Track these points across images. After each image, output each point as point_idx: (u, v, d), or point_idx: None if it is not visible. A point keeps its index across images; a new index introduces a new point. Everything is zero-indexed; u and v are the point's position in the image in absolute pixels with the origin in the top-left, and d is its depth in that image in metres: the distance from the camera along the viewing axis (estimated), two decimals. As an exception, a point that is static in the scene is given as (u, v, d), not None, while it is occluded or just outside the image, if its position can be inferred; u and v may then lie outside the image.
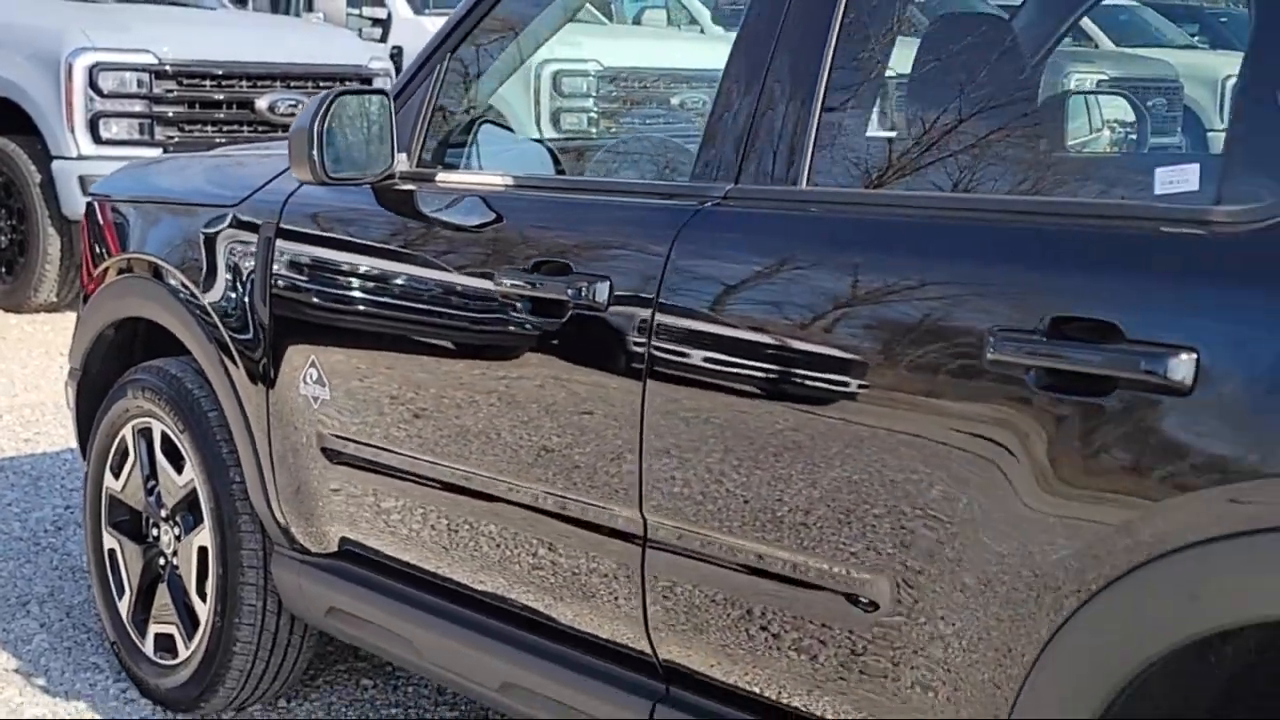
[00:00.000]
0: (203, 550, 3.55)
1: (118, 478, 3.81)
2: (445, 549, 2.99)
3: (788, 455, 2.28)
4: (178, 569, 3.64)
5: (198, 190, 3.72)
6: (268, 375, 3.30)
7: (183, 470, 3.59)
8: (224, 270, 3.42)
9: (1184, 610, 1.85)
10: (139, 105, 8.15)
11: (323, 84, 8.58)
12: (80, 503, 4.84)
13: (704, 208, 2.49)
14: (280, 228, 3.27)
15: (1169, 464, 1.85)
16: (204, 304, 3.45)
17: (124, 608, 3.79)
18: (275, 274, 3.27)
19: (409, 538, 3.07)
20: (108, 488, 3.83)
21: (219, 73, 8.38)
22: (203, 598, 3.57)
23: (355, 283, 3.13)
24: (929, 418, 2.10)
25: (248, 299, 3.34)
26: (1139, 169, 2.29)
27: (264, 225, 3.32)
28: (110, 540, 3.83)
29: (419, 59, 3.15)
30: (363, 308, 3.12)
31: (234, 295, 3.38)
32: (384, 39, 11.35)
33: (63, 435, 5.88)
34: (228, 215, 3.44)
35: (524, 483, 2.75)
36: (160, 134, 8.19)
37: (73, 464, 5.52)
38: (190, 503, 3.58)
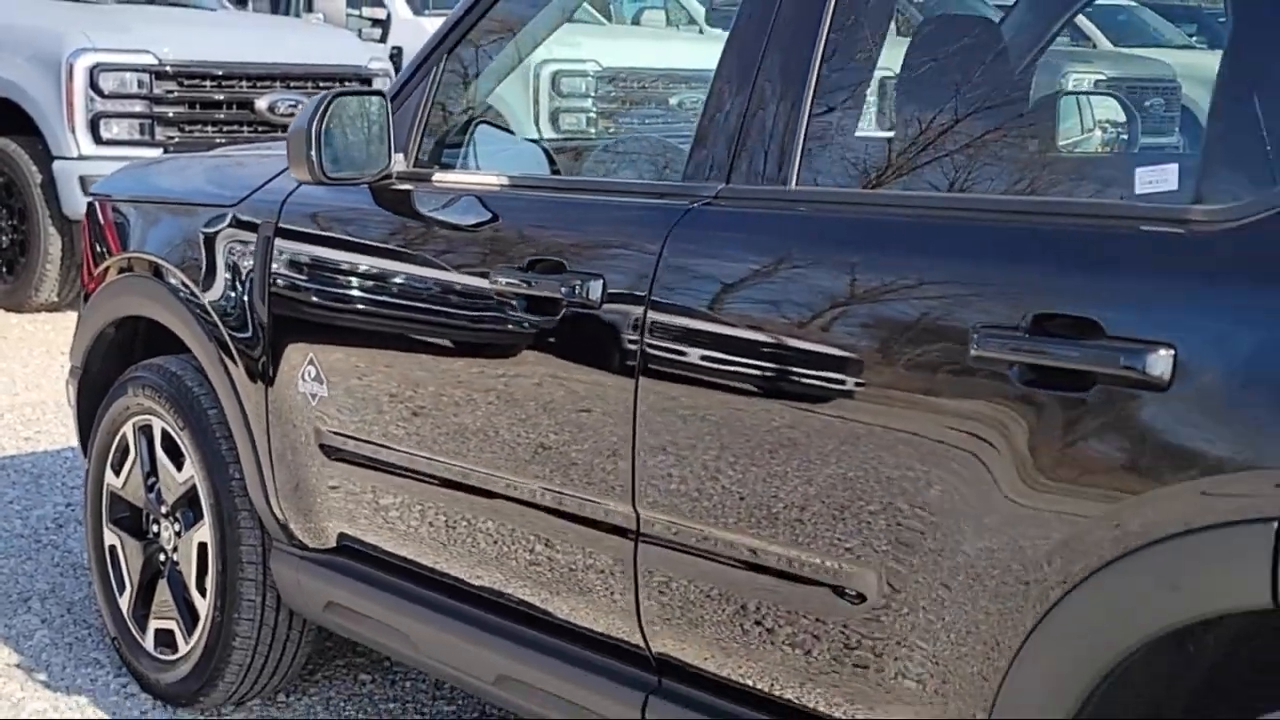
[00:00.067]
0: (202, 546, 3.56)
1: (118, 475, 3.83)
2: (441, 544, 3.02)
3: (777, 451, 2.32)
4: (178, 565, 3.66)
5: (198, 190, 3.74)
6: (267, 373, 3.32)
7: (183, 467, 3.61)
8: (223, 269, 3.44)
9: (1163, 601, 1.88)
10: (139, 106, 8.17)
11: (322, 84, 8.59)
12: (81, 500, 4.86)
13: (695, 207, 2.52)
14: (279, 227, 3.30)
15: (1148, 457, 1.88)
16: (204, 303, 3.48)
17: (124, 603, 3.81)
18: (274, 273, 3.29)
19: (406, 533, 3.10)
20: (108, 484, 3.85)
21: (219, 73, 8.39)
22: (202, 593, 3.58)
23: (353, 281, 3.16)
24: (915, 413, 2.14)
25: (247, 298, 3.36)
26: (1124, 169, 2.32)
27: (263, 225, 3.34)
28: (111, 536, 3.85)
29: (415, 61, 3.18)
30: (360, 306, 3.15)
31: (233, 294, 3.41)
32: (383, 39, 11.37)
33: (63, 434, 5.89)
34: (227, 215, 3.47)
35: (519, 478, 2.78)
36: (160, 134, 8.20)
37: (73, 462, 5.53)
38: (190, 499, 3.60)
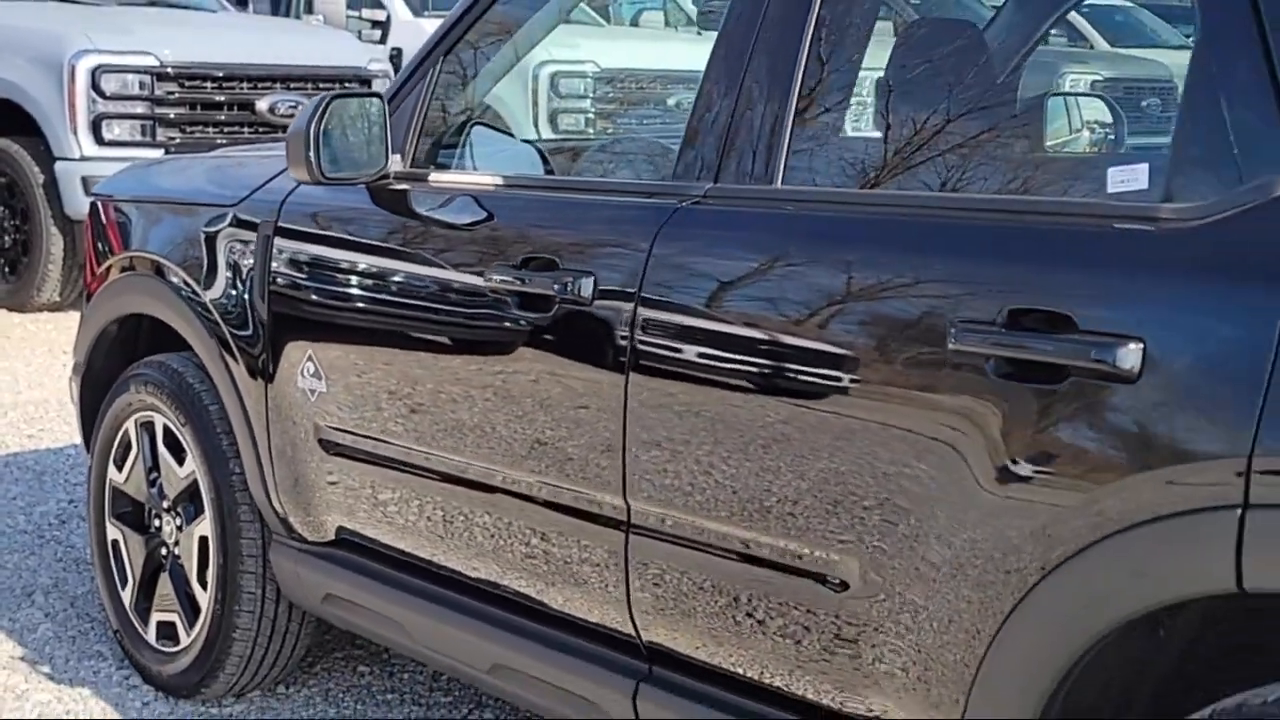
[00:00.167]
0: (203, 540, 3.61)
1: (121, 470, 3.88)
2: (437, 536, 3.07)
3: (764, 444, 2.37)
4: (179, 558, 3.71)
5: (198, 190, 3.79)
6: (267, 370, 3.37)
7: (184, 462, 3.65)
8: (224, 268, 3.49)
9: (1132, 586, 1.93)
10: (141, 107, 8.19)
11: (322, 85, 8.63)
12: (83, 496, 4.88)
13: (684, 206, 2.58)
14: (279, 226, 3.35)
15: (1117, 447, 1.94)
16: (205, 301, 3.53)
17: (127, 597, 3.86)
18: (274, 271, 3.34)
19: (402, 526, 3.15)
20: (111, 480, 3.90)
21: (220, 75, 8.42)
22: (203, 586, 3.63)
23: (351, 279, 3.21)
24: (895, 406, 2.20)
25: (247, 295, 3.42)
26: (1104, 170, 2.38)
27: (263, 224, 3.39)
28: (113, 531, 3.89)
29: (412, 63, 3.23)
30: (358, 304, 3.21)
31: (234, 292, 3.46)
32: (383, 41, 11.40)
33: (66, 432, 5.94)
34: (228, 214, 3.52)
35: (514, 472, 2.83)
36: (162, 135, 8.23)
37: (76, 459, 5.57)
38: (191, 494, 3.65)
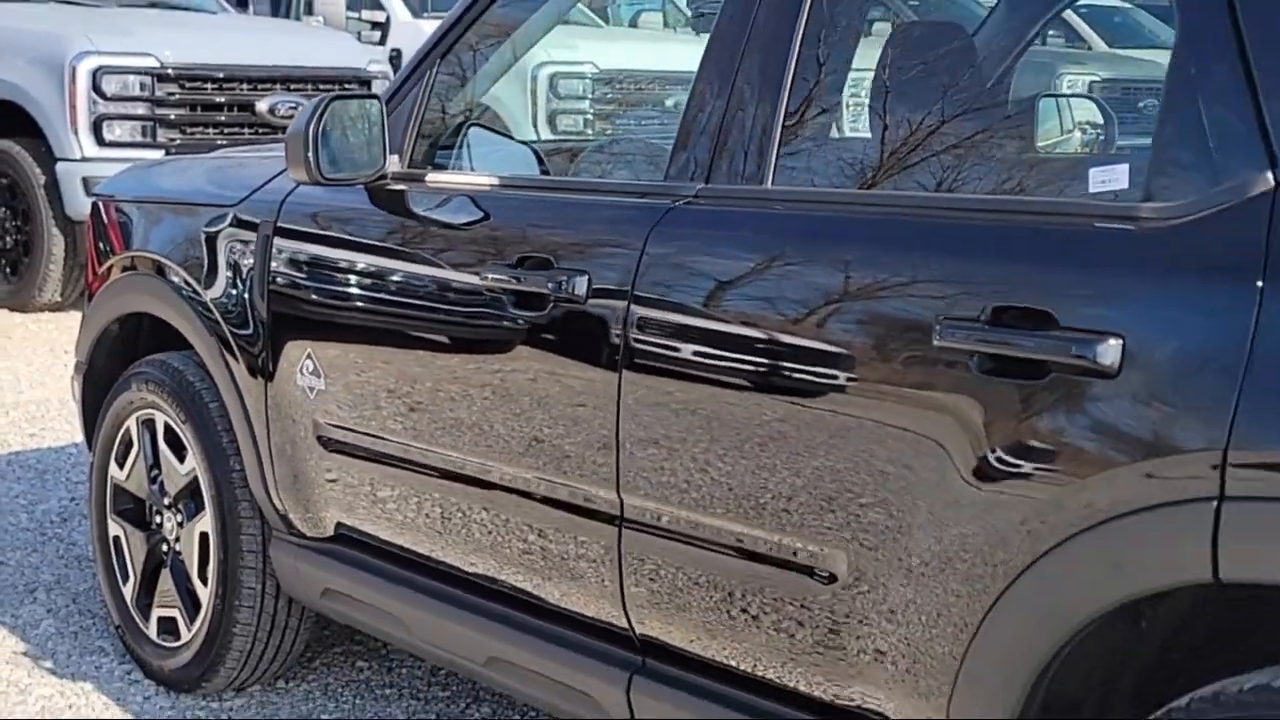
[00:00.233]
0: (204, 536, 3.65)
1: (122, 467, 3.91)
2: (434, 531, 3.11)
3: (755, 440, 2.41)
4: (180, 554, 3.74)
5: (199, 190, 3.82)
6: (266, 368, 3.41)
7: (185, 459, 3.69)
8: (224, 267, 3.53)
9: (1111, 578, 1.97)
10: (141, 108, 8.21)
11: (322, 87, 8.66)
12: (85, 494, 4.93)
13: (676, 206, 2.62)
14: (278, 226, 3.39)
15: (1097, 441, 1.98)
16: (205, 300, 3.57)
17: (128, 592, 3.89)
18: (273, 271, 3.38)
19: (399, 520, 3.19)
20: (112, 477, 3.94)
21: (220, 76, 8.45)
22: (204, 582, 3.67)
23: (349, 279, 3.25)
24: (880, 402, 2.24)
25: (247, 295, 3.45)
26: (1088, 170, 2.42)
27: (262, 224, 3.43)
28: (115, 528, 3.93)
29: (410, 65, 3.27)
30: (356, 302, 3.24)
31: (234, 291, 3.50)
32: (383, 42, 11.43)
33: (67, 430, 5.97)
34: (228, 214, 3.55)
35: (509, 467, 2.87)
36: (162, 136, 8.26)
37: (77, 457, 5.61)
38: (192, 490, 3.69)
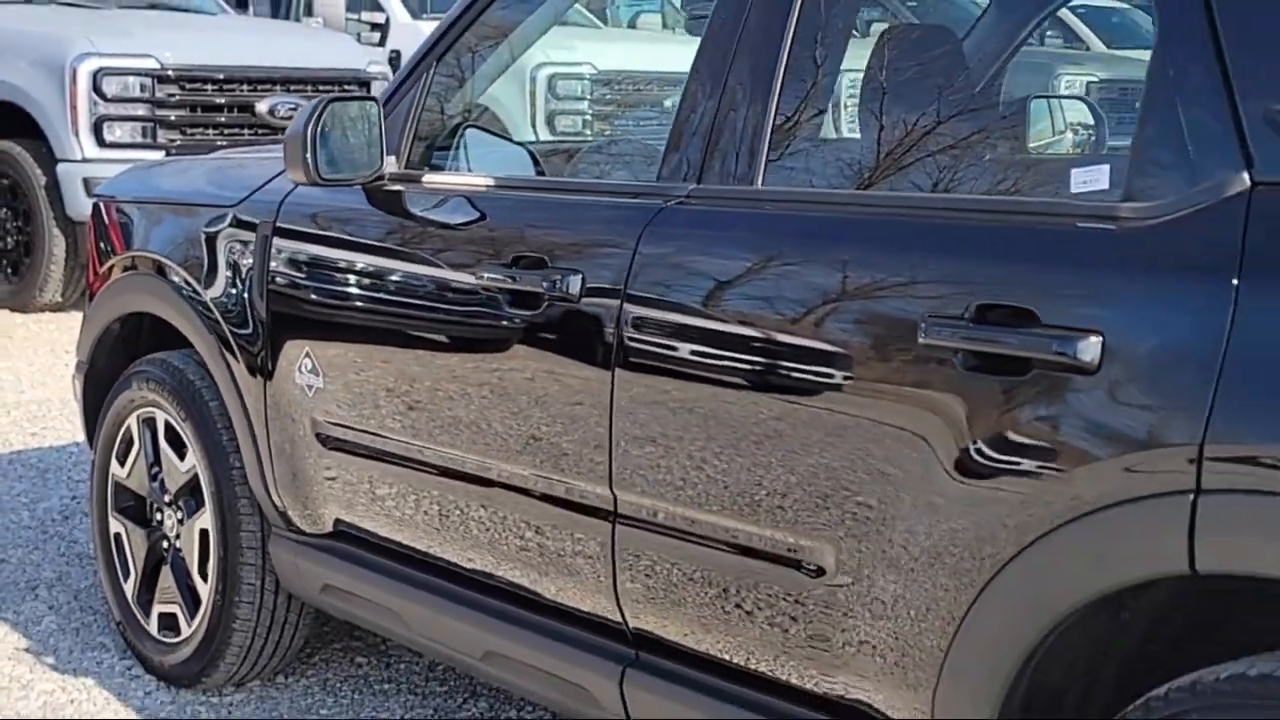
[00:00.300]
0: (204, 533, 3.68)
1: (123, 465, 3.95)
2: (431, 527, 3.14)
3: (746, 436, 2.45)
4: (180, 551, 3.78)
5: (199, 191, 3.86)
6: (265, 366, 3.45)
7: (185, 457, 3.73)
8: (224, 267, 3.57)
9: (1091, 569, 2.02)
10: (142, 109, 8.25)
11: (321, 88, 8.70)
12: (86, 492, 4.97)
13: (669, 206, 2.66)
14: (277, 226, 3.42)
15: (1078, 436, 2.02)
16: (205, 299, 3.60)
17: (129, 589, 3.93)
18: (272, 270, 3.42)
19: (396, 517, 3.23)
20: (114, 475, 3.97)
21: (220, 77, 8.49)
22: (204, 578, 3.70)
23: (347, 278, 3.29)
24: (867, 398, 2.28)
25: (246, 294, 3.49)
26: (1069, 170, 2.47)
27: (261, 224, 3.47)
28: (116, 525, 3.97)
29: (406, 67, 3.31)
30: (353, 301, 3.28)
31: (233, 291, 3.53)
32: (382, 43, 11.45)
33: (68, 430, 6.01)
34: (228, 215, 3.59)
35: (506, 464, 2.91)
36: (163, 137, 8.29)
37: (78, 456, 5.65)
38: (192, 488, 3.72)
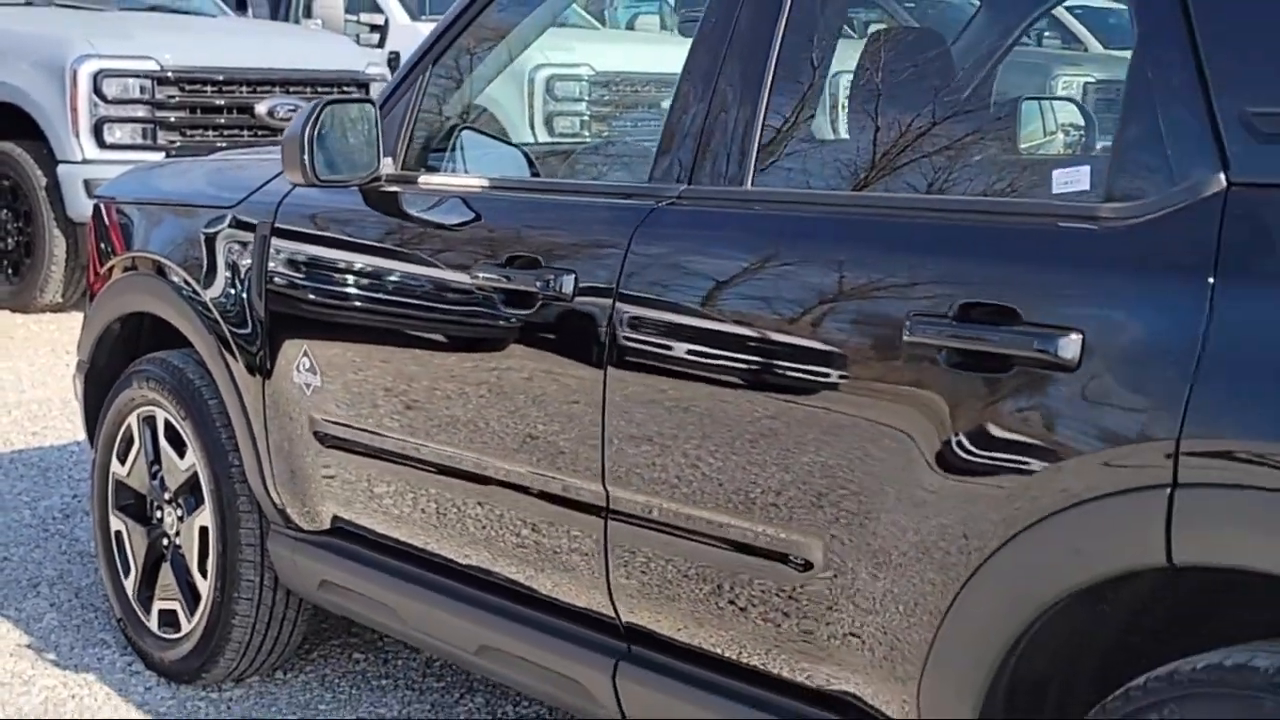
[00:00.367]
0: (204, 530, 3.72)
1: (123, 463, 3.99)
2: (426, 523, 3.18)
3: (735, 433, 2.49)
4: (180, 548, 3.82)
5: (198, 192, 3.89)
6: (264, 365, 3.49)
7: (184, 455, 3.76)
8: (223, 267, 3.60)
9: (1072, 562, 2.05)
10: (142, 110, 8.28)
11: (321, 89, 8.74)
12: (86, 491, 5.02)
13: (660, 206, 2.70)
14: (275, 227, 3.46)
15: (1058, 431, 2.06)
16: (204, 299, 3.64)
17: (130, 586, 3.97)
18: (270, 271, 3.46)
19: (391, 513, 3.27)
20: (114, 473, 4.01)
21: (220, 78, 8.52)
22: (204, 575, 3.74)
23: (344, 278, 3.33)
24: (853, 395, 2.32)
25: (245, 294, 3.53)
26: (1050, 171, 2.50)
27: (260, 225, 3.51)
28: (117, 522, 4.00)
29: (403, 69, 3.35)
30: (351, 301, 3.32)
31: (232, 291, 3.57)
32: (381, 45, 11.48)
33: (69, 429, 6.04)
34: (227, 216, 3.63)
35: (501, 461, 2.95)
36: (163, 138, 8.32)
37: (79, 456, 5.68)
38: (192, 486, 3.76)
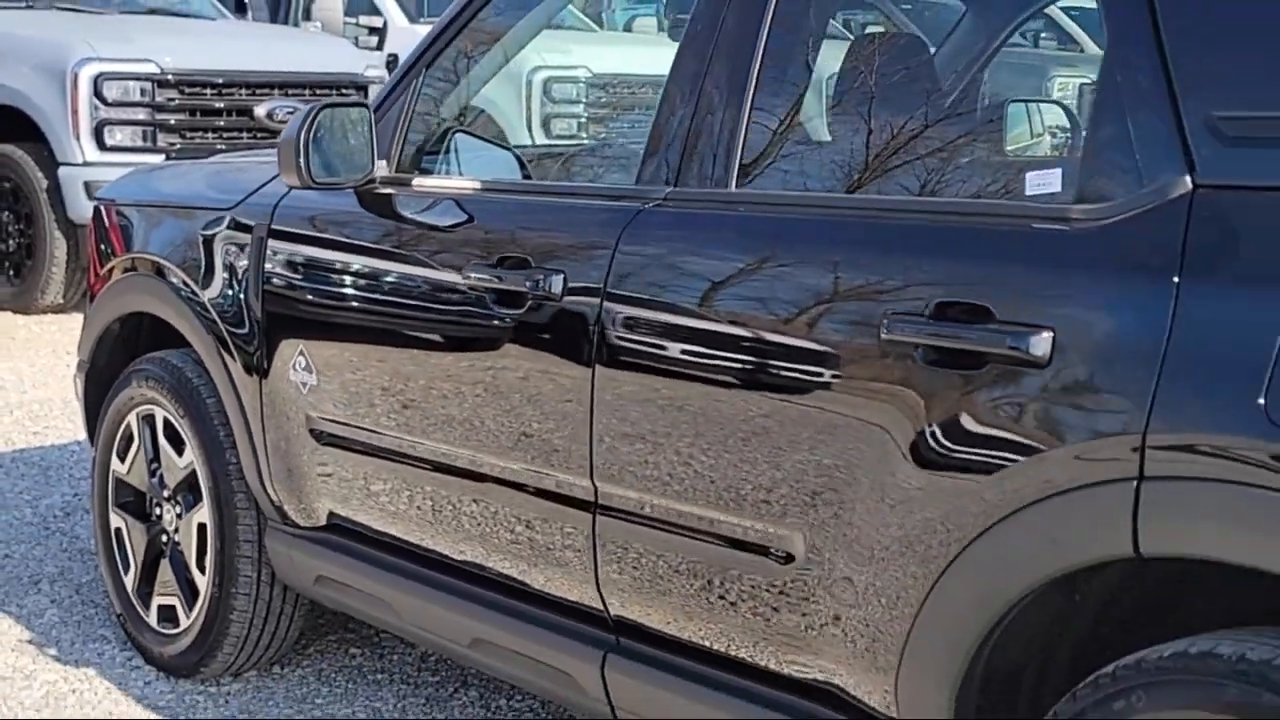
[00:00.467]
0: (202, 527, 3.77)
1: (123, 461, 4.04)
2: (420, 519, 3.24)
3: (720, 429, 2.55)
4: (179, 545, 3.87)
5: (197, 194, 3.94)
6: (261, 365, 3.54)
7: (183, 453, 3.82)
8: (221, 268, 3.66)
9: (1043, 553, 2.11)
10: (142, 113, 8.32)
11: (320, 92, 8.78)
12: (87, 490, 5.05)
13: (646, 208, 2.76)
14: (272, 229, 3.52)
15: (1030, 426, 2.12)
16: (203, 300, 3.69)
17: (129, 582, 4.02)
18: (268, 271, 3.51)
19: (386, 509, 3.32)
20: (114, 471, 4.07)
21: (219, 81, 8.56)
22: (202, 571, 3.80)
23: (339, 279, 3.38)
24: (833, 392, 2.38)
25: (243, 295, 3.58)
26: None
27: (257, 226, 3.56)
28: (116, 520, 4.06)
29: (398, 73, 3.41)
30: (346, 301, 3.37)
31: (230, 291, 3.63)
32: (380, 47, 11.51)
33: (70, 429, 6.09)
34: (225, 217, 3.68)
35: (492, 457, 3.00)
36: (163, 141, 8.36)
37: (79, 455, 5.73)
38: (190, 483, 3.81)
